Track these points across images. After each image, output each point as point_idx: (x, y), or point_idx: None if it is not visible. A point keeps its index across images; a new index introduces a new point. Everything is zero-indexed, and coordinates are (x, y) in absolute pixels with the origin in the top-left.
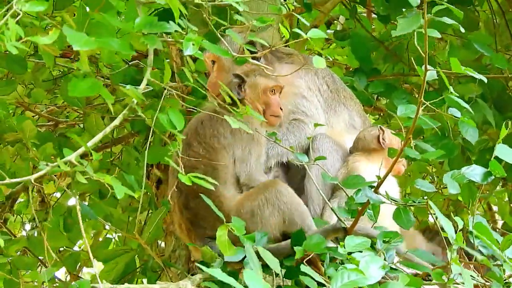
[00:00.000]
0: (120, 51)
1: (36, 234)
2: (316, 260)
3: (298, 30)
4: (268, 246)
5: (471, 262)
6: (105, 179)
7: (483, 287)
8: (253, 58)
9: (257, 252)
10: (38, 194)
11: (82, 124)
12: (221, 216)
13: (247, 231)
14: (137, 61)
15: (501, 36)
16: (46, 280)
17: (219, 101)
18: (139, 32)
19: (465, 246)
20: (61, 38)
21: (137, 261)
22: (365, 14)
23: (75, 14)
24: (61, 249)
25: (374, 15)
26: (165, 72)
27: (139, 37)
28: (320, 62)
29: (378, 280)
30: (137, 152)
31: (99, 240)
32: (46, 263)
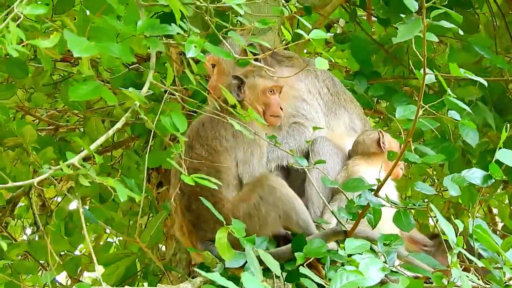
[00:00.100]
0: (120, 57)
1: (37, 238)
2: (317, 263)
3: (300, 31)
4: (269, 251)
5: (471, 265)
6: (108, 182)
7: None
8: (254, 61)
9: (258, 257)
10: (39, 199)
11: (83, 128)
12: (221, 218)
13: (247, 232)
14: (137, 65)
15: (501, 39)
16: (49, 281)
17: (221, 103)
18: (141, 35)
19: (465, 250)
20: (62, 42)
21: (138, 265)
22: (365, 17)
23: (75, 18)
24: (62, 253)
25: (374, 18)
26: (168, 75)
27: (140, 41)
28: (323, 63)
29: (380, 283)
30: (138, 156)
31: (100, 244)
32: (47, 267)
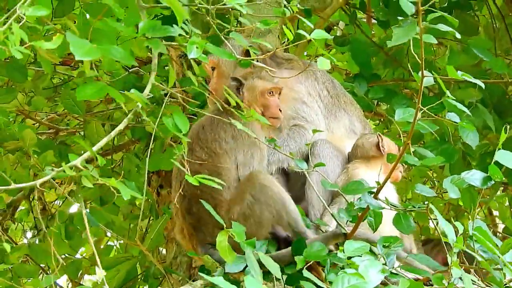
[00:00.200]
0: (122, 60)
1: (38, 242)
2: (316, 266)
3: (302, 31)
4: (269, 254)
5: (472, 267)
6: (110, 182)
7: None
8: (251, 64)
9: (258, 260)
10: (39, 202)
11: (83, 132)
12: (221, 221)
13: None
14: (137, 68)
15: (501, 41)
16: (52, 283)
17: (224, 104)
18: (143, 37)
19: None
20: (62, 46)
21: (139, 268)
22: (365, 20)
23: (75, 22)
24: (63, 257)
25: (374, 21)
26: (170, 76)
27: (140, 43)
28: (325, 63)
29: (380, 284)
30: (138, 159)
31: (101, 248)
32: (48, 271)
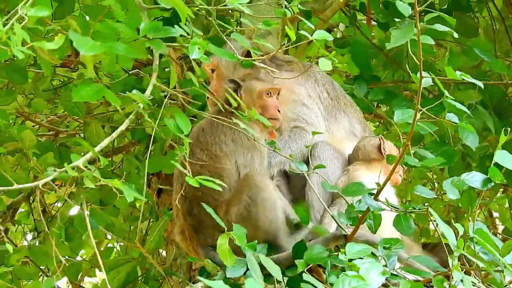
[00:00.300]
0: (126, 56)
1: (38, 244)
2: (317, 268)
3: (304, 32)
4: (270, 257)
5: (472, 268)
6: (113, 183)
7: None
8: (253, 65)
9: (259, 263)
10: (39, 204)
11: (83, 134)
12: (221, 224)
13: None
14: (137, 70)
15: (501, 42)
16: (55, 285)
17: (225, 105)
18: (144, 38)
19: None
20: (62, 47)
21: (139, 270)
22: (365, 22)
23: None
24: (63, 259)
25: (374, 22)
26: (171, 77)
27: (140, 45)
28: (326, 64)
29: (382, 285)
30: (138, 161)
31: (101, 250)
32: (48, 273)
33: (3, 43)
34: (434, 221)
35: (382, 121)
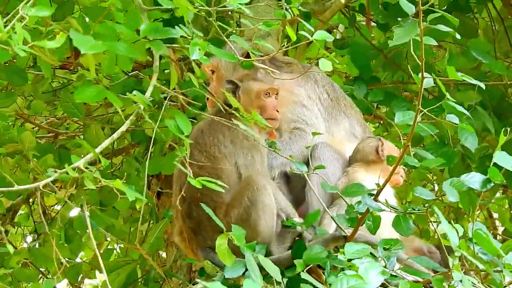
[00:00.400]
0: (127, 56)
1: (37, 246)
2: (316, 268)
3: (304, 33)
4: (269, 257)
5: (471, 269)
6: (114, 184)
7: None
8: (253, 66)
9: (258, 263)
10: (40, 206)
11: (82, 136)
12: (221, 225)
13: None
14: (137, 72)
15: (500, 43)
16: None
17: (225, 106)
18: (144, 39)
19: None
20: (62, 48)
21: (139, 272)
22: (364, 23)
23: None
24: (62, 261)
25: (373, 24)
26: (172, 78)
27: (141, 46)
28: (326, 65)
29: (381, 286)
30: (138, 163)
31: (101, 251)
32: (48, 275)
33: (4, 43)
34: (435, 222)
35: (382, 122)
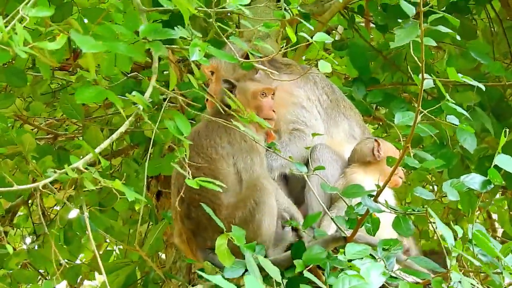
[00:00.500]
0: (127, 57)
1: (37, 247)
2: (316, 269)
3: (303, 34)
4: (269, 258)
5: (471, 270)
6: (114, 184)
7: None
8: (253, 67)
9: (258, 264)
10: (39, 207)
11: (82, 137)
12: (221, 225)
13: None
14: (136, 73)
15: (499, 45)
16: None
17: (224, 107)
18: (143, 40)
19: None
20: (61, 50)
21: (138, 273)
22: (363, 24)
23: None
24: (62, 262)
25: (372, 25)
26: (171, 79)
27: (140, 47)
28: (326, 66)
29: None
30: (137, 164)
31: (100, 253)
32: (47, 276)
33: (5, 44)
34: (434, 223)
35: (381, 124)
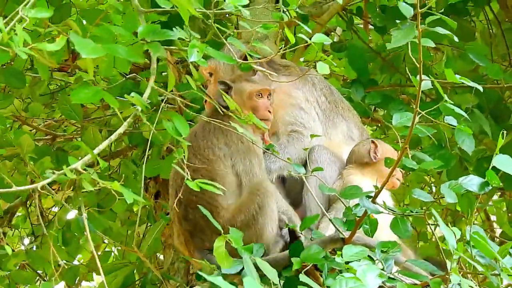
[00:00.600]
0: (126, 59)
1: (35, 248)
2: (314, 271)
3: (302, 35)
4: (266, 258)
5: (469, 272)
6: (113, 186)
7: None
8: (252, 68)
9: (255, 264)
10: (37, 208)
11: (80, 138)
12: (218, 227)
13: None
14: (134, 74)
15: (497, 46)
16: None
17: (222, 109)
18: (142, 41)
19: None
20: (60, 51)
21: (136, 274)
22: (362, 26)
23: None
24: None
25: (371, 26)
26: (169, 80)
27: (138, 49)
28: (324, 68)
29: None
30: (135, 166)
31: (98, 254)
32: (45, 277)
33: (4, 45)
34: (432, 225)
35: (380, 125)
